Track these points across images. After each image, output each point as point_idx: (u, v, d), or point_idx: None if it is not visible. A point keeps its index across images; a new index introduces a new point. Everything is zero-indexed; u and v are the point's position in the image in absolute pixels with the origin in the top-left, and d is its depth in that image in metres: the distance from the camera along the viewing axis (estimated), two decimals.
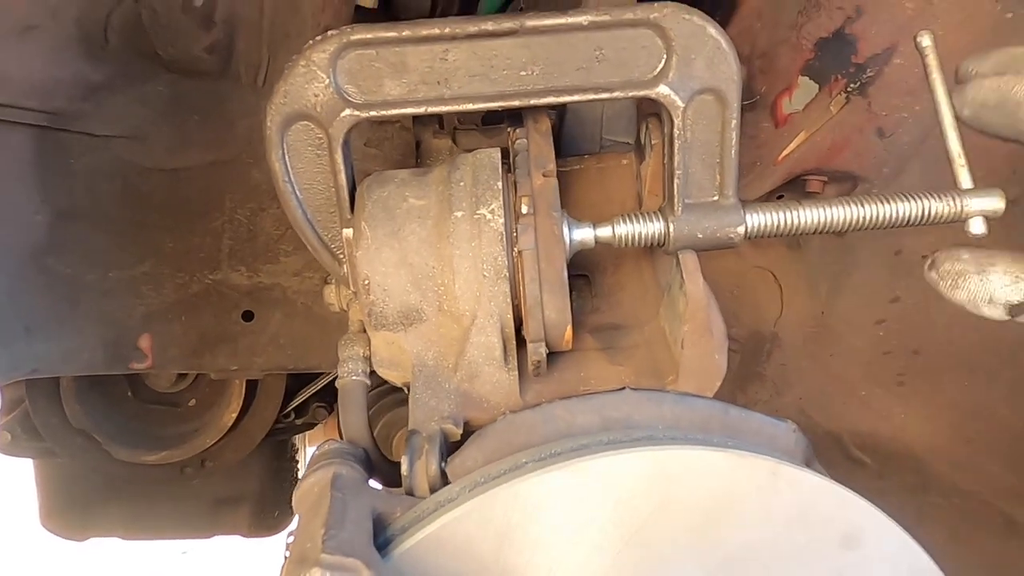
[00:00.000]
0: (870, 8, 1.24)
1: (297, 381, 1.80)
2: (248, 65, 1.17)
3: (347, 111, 0.75)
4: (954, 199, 0.79)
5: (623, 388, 0.77)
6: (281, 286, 1.31)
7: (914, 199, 0.79)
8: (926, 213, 0.79)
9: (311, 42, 0.75)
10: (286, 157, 0.79)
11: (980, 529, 1.62)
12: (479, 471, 0.66)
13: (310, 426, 1.92)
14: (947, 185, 0.80)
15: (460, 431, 0.76)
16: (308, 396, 1.81)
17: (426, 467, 0.70)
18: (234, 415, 1.64)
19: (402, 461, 0.71)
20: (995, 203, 0.79)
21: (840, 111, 1.39)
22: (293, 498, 0.70)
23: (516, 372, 0.78)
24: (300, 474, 2.08)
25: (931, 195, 0.79)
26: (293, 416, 1.84)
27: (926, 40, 0.81)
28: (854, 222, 0.81)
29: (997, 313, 0.71)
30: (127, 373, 1.48)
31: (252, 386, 1.70)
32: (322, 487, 0.66)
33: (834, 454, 1.74)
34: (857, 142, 1.43)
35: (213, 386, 1.67)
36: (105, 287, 1.23)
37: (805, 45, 1.34)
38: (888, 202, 0.80)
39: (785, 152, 1.48)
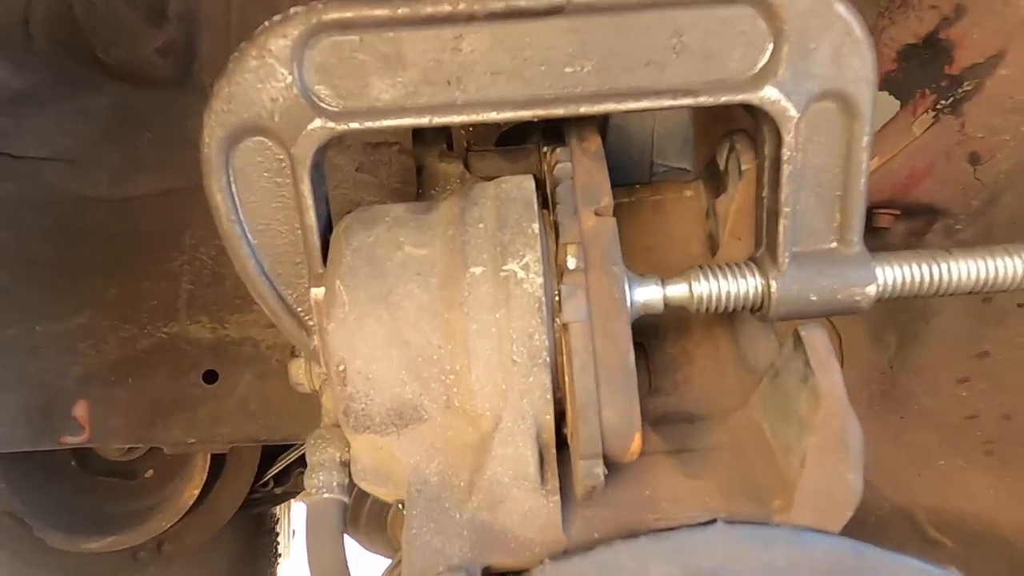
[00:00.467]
0: (973, 7, 1.03)
1: (276, 444, 1.56)
2: (214, 73, 0.96)
3: (317, 122, 0.53)
4: None
5: (712, 521, 0.53)
6: (252, 340, 1.09)
7: None
8: None
9: (266, 24, 0.52)
10: (232, 187, 0.56)
11: None
12: None
13: (292, 494, 1.67)
14: None
15: None
16: (290, 461, 1.56)
17: None
18: (196, 491, 1.40)
19: None
20: None
21: (925, 132, 1.18)
22: None
23: (557, 496, 0.54)
24: (280, 549, 1.84)
25: None
26: (272, 485, 1.59)
27: None
28: (1013, 280, 0.58)
29: None
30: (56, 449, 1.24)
31: (220, 455, 1.46)
32: None
33: (907, 533, 1.51)
34: (943, 169, 1.23)
35: (174, 456, 1.43)
36: (30, 343, 1.03)
37: (886, 53, 1.13)
38: None
39: None
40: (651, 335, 0.75)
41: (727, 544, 0.53)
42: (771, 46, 0.53)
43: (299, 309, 0.62)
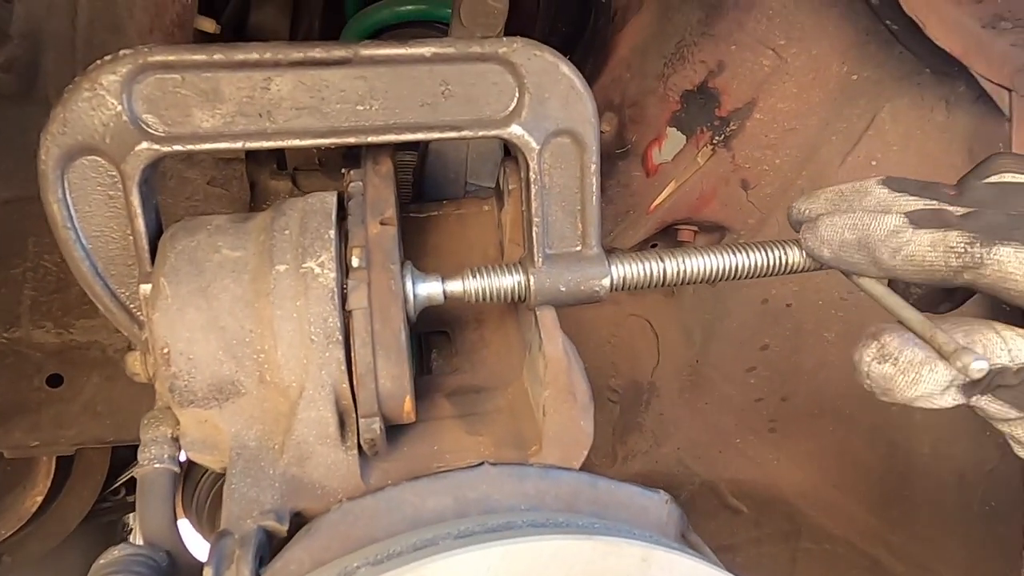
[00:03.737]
0: (730, 64, 1.27)
1: (128, 449, 1.56)
2: (59, 87, 1.01)
3: (144, 144, 0.63)
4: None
5: (481, 463, 0.68)
6: (100, 344, 1.12)
7: (770, 249, 0.77)
8: (782, 263, 0.77)
9: (98, 62, 0.62)
10: (68, 198, 0.65)
11: (849, 573, 1.64)
12: None
13: None
14: None
15: (286, 527, 0.63)
16: None
17: None
18: (39, 498, 1.38)
19: (205, 572, 0.57)
20: None
21: (707, 162, 1.41)
22: None
23: (356, 451, 0.67)
24: None
25: (787, 245, 0.77)
26: (123, 492, 1.59)
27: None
28: (720, 272, 0.77)
29: (949, 400, 0.62)
30: None
31: (67, 461, 1.45)
32: None
33: (712, 503, 1.73)
34: (723, 193, 1.46)
35: (14, 464, 1.40)
36: None
37: (672, 96, 1.35)
38: (745, 252, 0.77)
39: (656, 201, 1.48)
40: (455, 326, 0.90)
41: (491, 480, 0.67)
42: (517, 95, 0.68)
43: (132, 306, 0.70)
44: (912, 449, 1.49)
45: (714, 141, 1.37)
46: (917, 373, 0.62)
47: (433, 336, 0.90)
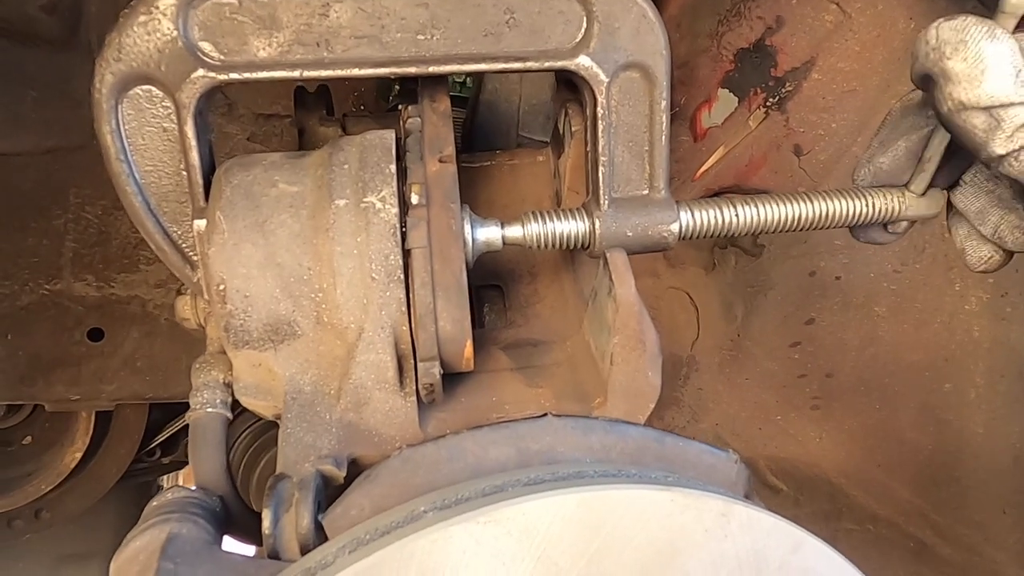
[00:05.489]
0: (790, 19, 1.22)
1: (163, 411, 1.56)
2: (101, 35, 0.98)
3: (200, 72, 0.60)
4: (896, 198, 0.73)
5: (544, 415, 0.65)
6: (140, 299, 1.11)
7: (854, 197, 0.72)
8: (867, 211, 0.72)
9: None
10: (122, 129, 0.62)
11: (892, 554, 1.60)
12: (364, 525, 0.52)
13: (180, 464, 1.67)
14: None
15: (344, 473, 0.61)
16: (177, 429, 1.57)
17: (296, 521, 0.55)
18: (78, 455, 1.38)
19: (264, 515, 0.55)
20: (934, 207, 0.74)
21: (759, 126, 1.36)
22: (111, 568, 0.53)
23: (414, 398, 0.64)
24: None
25: (872, 193, 0.72)
26: (158, 453, 1.59)
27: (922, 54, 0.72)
28: (794, 220, 0.73)
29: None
30: None
31: (105, 419, 1.44)
32: (149, 555, 0.50)
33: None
34: (774, 159, 1.41)
35: (54, 421, 1.40)
36: None
37: (725, 55, 1.30)
38: (829, 199, 0.73)
39: (704, 167, 1.43)
40: (508, 279, 0.87)
41: (554, 431, 0.64)
42: (585, 24, 0.65)
43: (183, 245, 0.68)
44: (964, 428, 1.44)
45: (768, 103, 1.32)
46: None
47: (484, 290, 0.87)
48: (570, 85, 0.86)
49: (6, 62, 0.97)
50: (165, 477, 1.81)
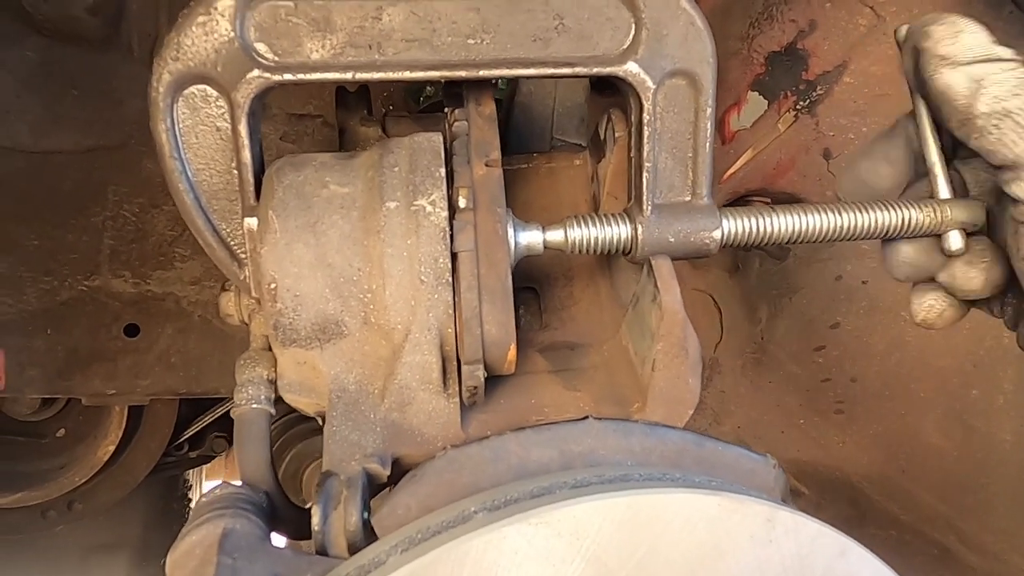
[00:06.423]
0: (823, 23, 1.21)
1: (192, 407, 1.58)
2: (142, 35, 1.00)
3: (255, 72, 0.61)
4: (935, 209, 0.72)
5: (585, 417, 0.65)
6: (175, 296, 1.13)
7: (894, 208, 0.72)
8: (906, 223, 0.72)
9: None
10: (176, 127, 0.63)
11: (915, 560, 1.59)
12: (414, 524, 0.52)
13: (207, 459, 1.69)
14: None
15: (387, 472, 0.62)
16: (205, 424, 1.59)
17: (344, 519, 0.55)
18: (111, 448, 1.40)
19: (313, 512, 0.56)
20: (976, 214, 0.74)
21: (788, 129, 1.36)
22: (167, 562, 0.54)
23: (457, 399, 0.65)
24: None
25: (910, 204, 0.72)
26: (186, 448, 1.61)
27: (903, 32, 0.75)
28: (833, 230, 0.73)
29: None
30: None
31: (137, 413, 1.47)
32: (206, 549, 0.51)
33: None
34: (803, 162, 1.40)
35: (87, 414, 1.43)
36: None
37: (756, 58, 1.30)
38: (868, 211, 0.73)
39: (731, 170, 1.43)
40: (544, 282, 0.87)
41: (595, 434, 0.65)
42: (633, 31, 0.65)
43: (231, 242, 0.69)
44: (992, 434, 1.43)
45: (798, 107, 1.32)
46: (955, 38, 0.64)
47: (519, 293, 0.88)
48: (605, 89, 0.86)
49: (48, 61, 0.98)
50: (191, 471, 1.83)
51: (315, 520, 0.56)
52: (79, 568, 1.52)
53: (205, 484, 1.99)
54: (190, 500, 1.82)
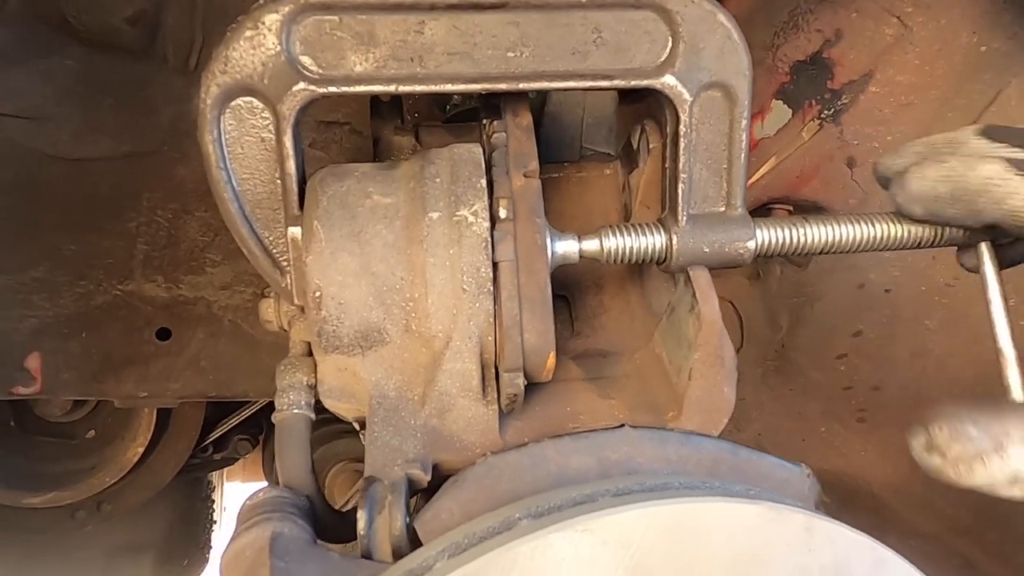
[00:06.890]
0: (849, 32, 1.21)
1: (217, 410, 1.60)
2: (177, 45, 1.02)
3: (300, 85, 0.62)
4: None
5: (621, 425, 0.66)
6: (206, 300, 1.14)
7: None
8: (939, 234, 0.73)
9: (261, 1, 0.61)
10: (223, 138, 0.64)
11: (939, 571, 1.58)
12: (459, 530, 0.53)
13: (231, 461, 1.70)
14: None
15: (428, 477, 0.62)
16: (230, 427, 1.60)
17: (389, 523, 0.56)
18: (140, 450, 1.42)
19: (359, 516, 0.57)
20: None
21: (812, 138, 1.36)
22: (220, 564, 0.55)
23: (495, 406, 0.66)
24: (215, 516, 1.85)
25: None
26: (211, 450, 1.62)
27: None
28: (865, 241, 0.73)
29: (1020, 493, 0.61)
30: (9, 399, 1.25)
31: (164, 416, 1.48)
32: (257, 552, 0.52)
33: None
34: (826, 171, 1.40)
35: (117, 416, 1.45)
36: None
37: (781, 68, 1.30)
38: (900, 222, 0.73)
39: (754, 178, 1.43)
40: (574, 290, 0.88)
41: (632, 442, 0.66)
42: (670, 44, 0.66)
43: (274, 250, 0.70)
44: None
45: (822, 115, 1.32)
46: (969, 467, 0.59)
47: (553, 300, 0.89)
48: (634, 99, 0.87)
49: (87, 70, 1.00)
50: (214, 473, 1.84)
51: (360, 524, 0.57)
52: (104, 569, 1.54)
53: (227, 486, 2.01)
54: (213, 502, 1.84)
